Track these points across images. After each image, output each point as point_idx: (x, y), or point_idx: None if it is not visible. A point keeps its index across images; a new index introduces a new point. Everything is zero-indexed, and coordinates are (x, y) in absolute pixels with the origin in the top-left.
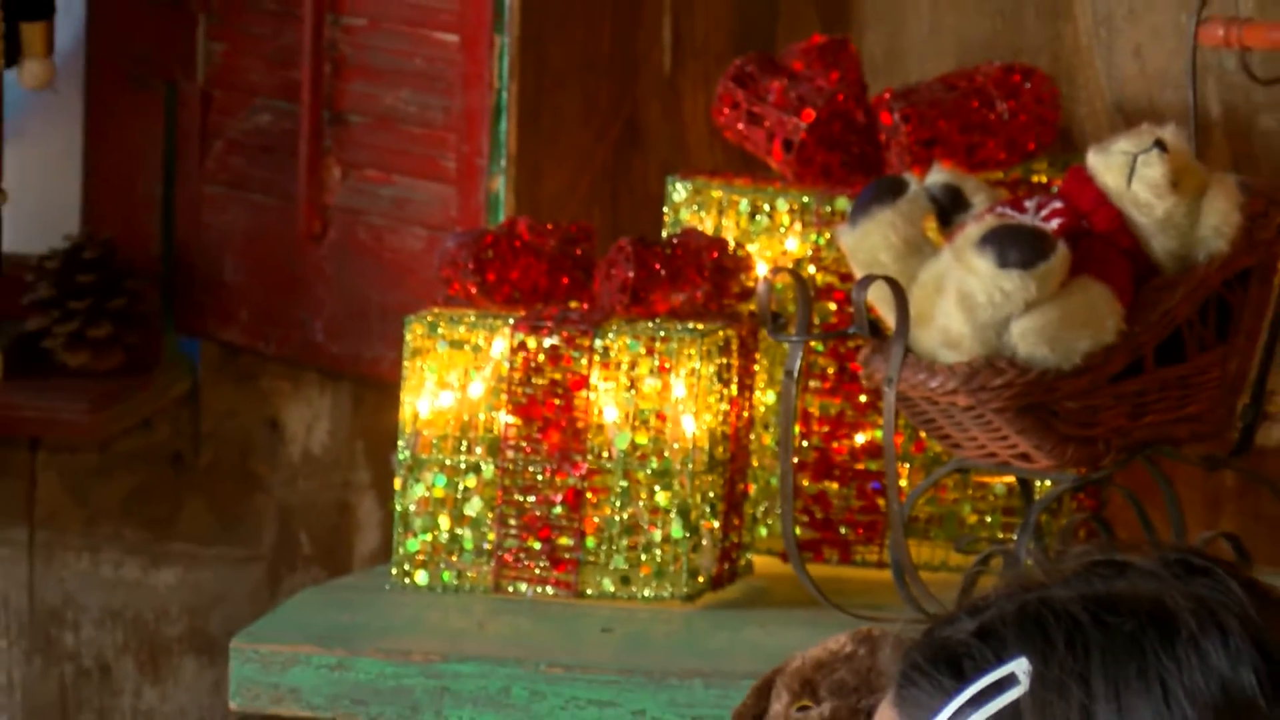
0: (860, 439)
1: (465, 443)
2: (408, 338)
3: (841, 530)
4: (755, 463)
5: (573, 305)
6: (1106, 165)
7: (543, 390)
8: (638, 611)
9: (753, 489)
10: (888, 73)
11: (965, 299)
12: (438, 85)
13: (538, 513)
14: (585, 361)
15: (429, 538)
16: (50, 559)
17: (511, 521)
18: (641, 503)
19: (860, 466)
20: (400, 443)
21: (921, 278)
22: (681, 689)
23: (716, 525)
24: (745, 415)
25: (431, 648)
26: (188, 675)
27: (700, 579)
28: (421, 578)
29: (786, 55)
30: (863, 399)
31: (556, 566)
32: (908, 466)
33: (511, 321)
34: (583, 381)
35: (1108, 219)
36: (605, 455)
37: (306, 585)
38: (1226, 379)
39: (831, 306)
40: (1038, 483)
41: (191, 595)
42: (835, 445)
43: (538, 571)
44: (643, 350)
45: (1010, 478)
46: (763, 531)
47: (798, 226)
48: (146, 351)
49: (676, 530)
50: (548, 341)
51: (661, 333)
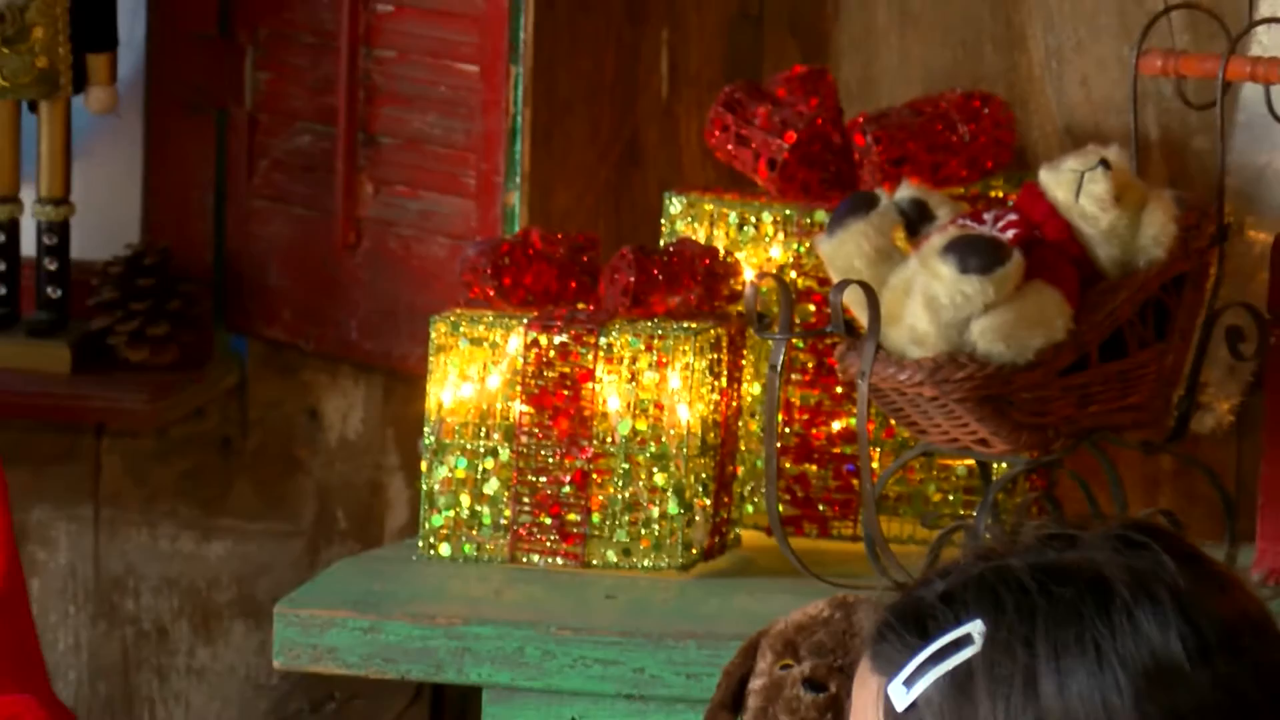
0: (837, 426)
1: (484, 429)
2: (433, 335)
3: (820, 507)
4: (743, 447)
5: (580, 307)
6: (1056, 182)
7: (553, 382)
8: (638, 580)
9: (740, 470)
10: (861, 99)
11: (930, 301)
12: (460, 110)
13: (548, 492)
14: (591, 357)
15: (452, 514)
16: (113, 533)
17: (525, 499)
18: (641, 483)
19: (837, 450)
20: (426, 429)
21: (891, 282)
22: (677, 649)
23: (708, 503)
24: (734, 405)
25: (454, 612)
26: (236, 637)
27: (694, 551)
28: (445, 550)
29: (771, 83)
30: (839, 390)
31: (565, 540)
32: (879, 450)
33: (525, 321)
34: (589, 375)
35: (1057, 230)
36: (609, 440)
37: (342, 557)
38: (1163, 373)
39: (811, 308)
40: (995, 465)
41: (239, 565)
42: (814, 431)
43: (548, 544)
44: (642, 347)
45: (970, 460)
46: (749, 509)
47: (781, 236)
48: (199, 348)
49: (672, 507)
50: (557, 339)
51: (659, 331)
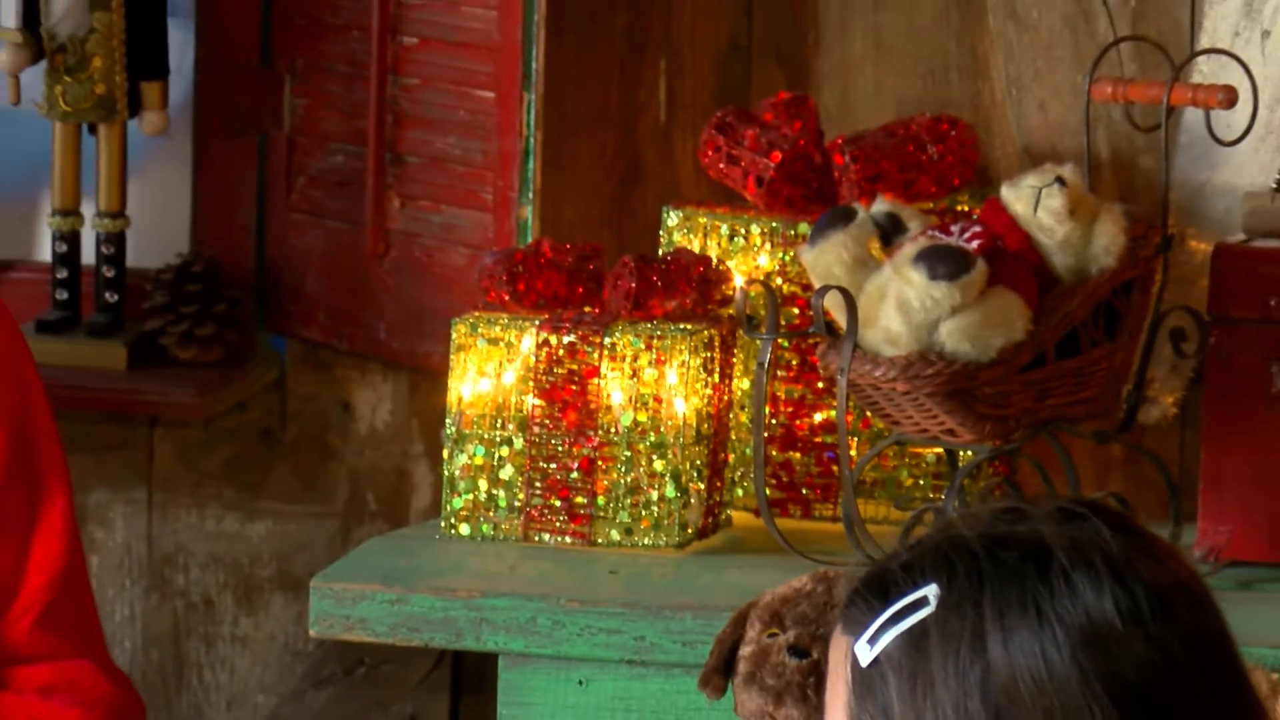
0: (818, 417)
1: (500, 420)
2: (454, 336)
3: (803, 491)
4: (733, 436)
5: (586, 310)
6: (1017, 197)
7: (562, 378)
8: (639, 557)
9: (731, 458)
10: (840, 122)
11: (903, 305)
12: (478, 133)
13: (558, 477)
14: (596, 355)
15: (471, 497)
16: (165, 515)
17: (537, 484)
18: (641, 469)
19: (818, 440)
20: (447, 420)
21: (868, 288)
22: (674, 619)
23: (702, 487)
24: (725, 398)
25: (472, 586)
26: (276, 608)
27: (689, 530)
28: (465, 529)
29: (758, 109)
30: (820, 385)
31: (573, 520)
32: (856, 439)
33: (537, 323)
34: (594, 371)
35: (1018, 240)
36: (613, 431)
37: (372, 536)
38: (1114, 369)
39: (795, 311)
40: (961, 453)
41: (279, 544)
42: (798, 422)
43: (558, 524)
44: (643, 346)
45: (939, 449)
46: (739, 492)
47: (768, 246)
48: (243, 347)
49: (670, 491)
50: (566, 339)
51: (658, 332)
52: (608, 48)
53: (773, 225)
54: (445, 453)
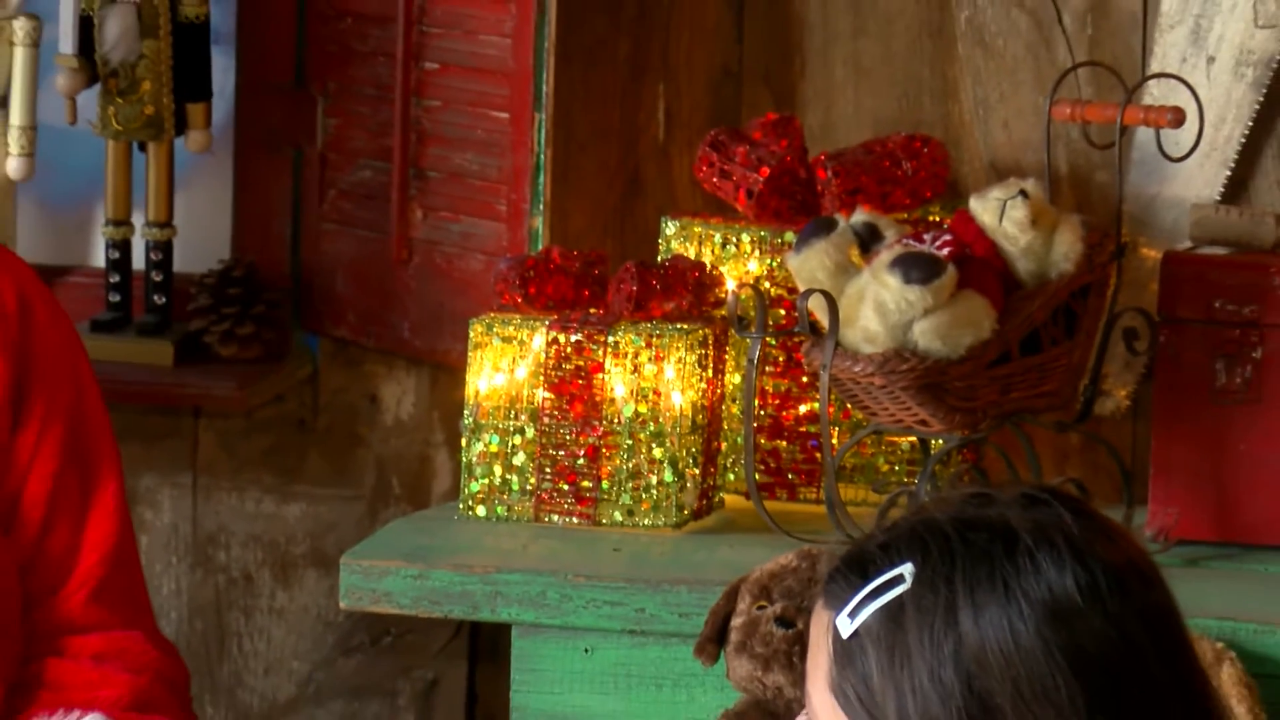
0: (803, 409)
1: (513, 412)
2: (471, 334)
3: (789, 476)
4: (726, 426)
5: (592, 311)
6: (984, 208)
7: (570, 373)
8: (639, 536)
9: (724, 446)
10: (823, 140)
11: (880, 306)
12: (493, 150)
13: (566, 463)
14: (601, 352)
15: (486, 481)
16: (208, 497)
17: (547, 469)
18: (642, 456)
19: (803, 429)
20: (465, 411)
21: (848, 291)
22: (672, 593)
23: (697, 472)
24: (718, 392)
25: (488, 562)
26: (309, 583)
27: (685, 512)
28: (481, 511)
29: (748, 128)
30: (805, 380)
31: (580, 502)
32: (837, 429)
33: (547, 323)
34: (599, 367)
35: (985, 248)
36: (615, 421)
37: (396, 517)
38: (1072, 365)
39: (782, 312)
40: (933, 441)
41: (312, 524)
42: (784, 414)
43: (566, 506)
44: (643, 344)
45: (913, 437)
46: (731, 477)
47: (757, 253)
48: (279, 345)
49: (668, 476)
50: (573, 337)
51: (657, 331)
52: (611, 73)
53: (761, 234)
54: (463, 441)
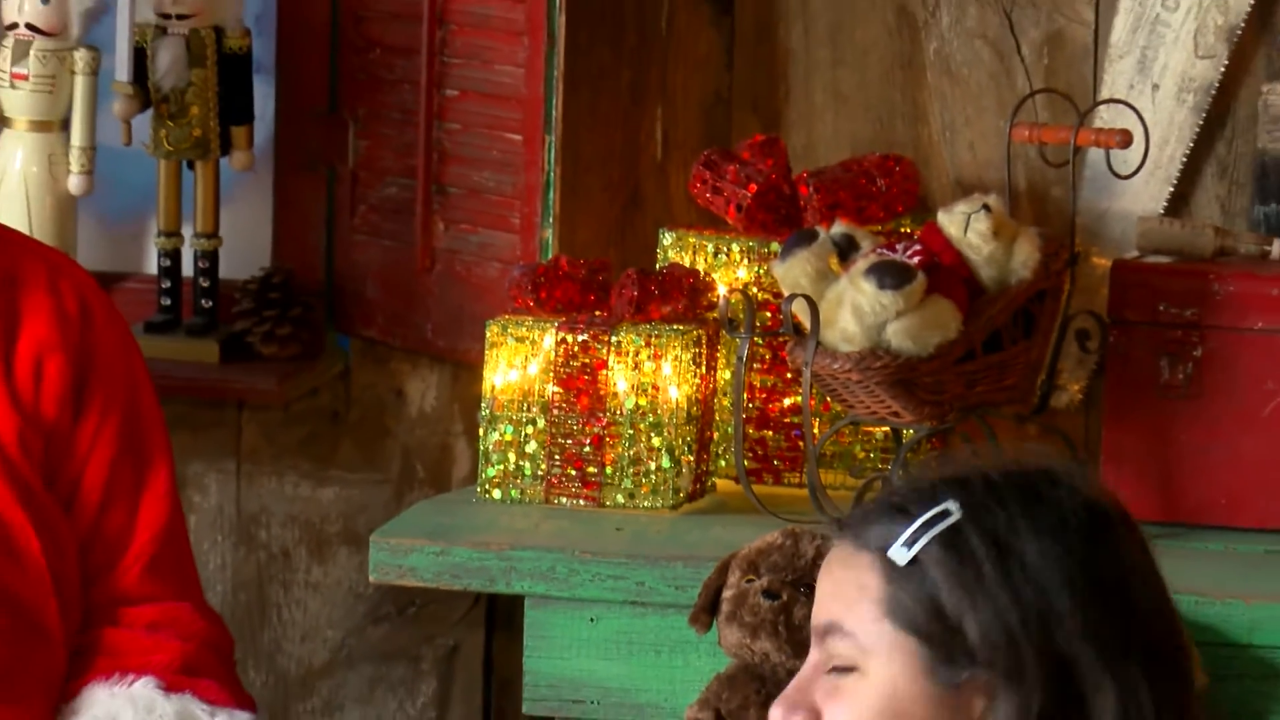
0: (787, 402)
1: (526, 404)
2: (488, 335)
3: (775, 462)
4: (717, 418)
5: (597, 314)
6: (950, 221)
7: (577, 369)
8: (640, 516)
9: (716, 435)
10: (805, 160)
11: (856, 309)
12: (508, 169)
13: (573, 451)
14: (605, 351)
15: (502, 467)
16: (251, 482)
17: (556, 457)
18: (642, 444)
19: (787, 420)
20: (483, 404)
21: (828, 296)
22: (669, 568)
23: (692, 459)
24: (711, 386)
25: (503, 540)
26: (342, 559)
27: (681, 495)
28: (496, 494)
29: (738, 149)
30: (789, 376)
31: (586, 486)
32: (818, 419)
33: (556, 324)
34: (604, 364)
35: (951, 257)
36: (618, 413)
37: (420, 499)
38: (1030, 362)
39: (768, 315)
40: (905, 431)
41: (344, 506)
42: (771, 406)
43: (573, 490)
44: (643, 343)
45: (886, 428)
46: (722, 463)
47: (746, 262)
48: (315, 344)
49: (666, 463)
50: (580, 337)
51: (656, 332)
52: (614, 99)
53: (750, 244)
54: (480, 431)
